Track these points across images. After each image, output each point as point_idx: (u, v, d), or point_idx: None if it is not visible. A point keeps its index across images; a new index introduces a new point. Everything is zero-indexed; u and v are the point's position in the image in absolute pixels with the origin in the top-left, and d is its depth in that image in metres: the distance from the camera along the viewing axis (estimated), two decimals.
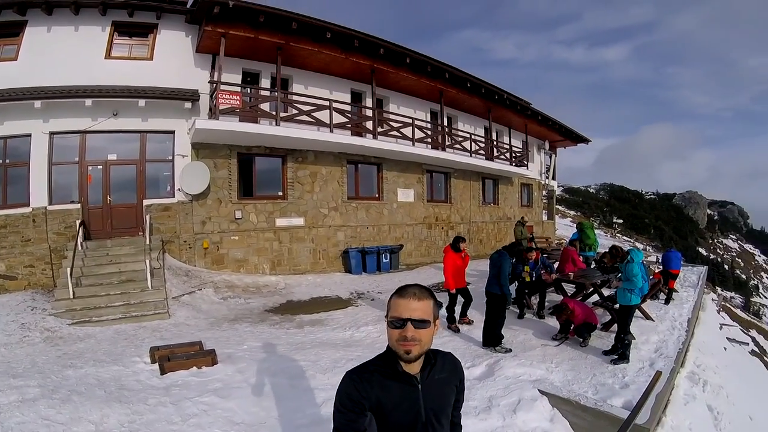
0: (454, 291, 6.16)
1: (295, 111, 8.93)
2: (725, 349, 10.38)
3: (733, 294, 48.58)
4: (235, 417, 3.39)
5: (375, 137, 10.36)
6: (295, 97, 9.10)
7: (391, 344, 1.19)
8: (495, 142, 15.21)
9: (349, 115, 10.16)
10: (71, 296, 5.85)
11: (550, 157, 19.35)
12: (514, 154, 16.08)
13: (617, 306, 5.47)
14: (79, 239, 6.74)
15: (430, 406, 1.24)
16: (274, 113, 8.43)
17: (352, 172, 11.11)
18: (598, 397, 3.98)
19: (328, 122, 9.29)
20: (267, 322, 6.37)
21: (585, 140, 19.40)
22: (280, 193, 9.56)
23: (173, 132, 7.88)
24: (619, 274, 5.43)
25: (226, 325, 6.10)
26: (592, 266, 8.46)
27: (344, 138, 9.67)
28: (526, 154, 16.91)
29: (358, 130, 10.45)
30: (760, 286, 71.43)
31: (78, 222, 7.09)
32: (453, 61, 11.30)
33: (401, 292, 1.20)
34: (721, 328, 12.55)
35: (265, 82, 9.26)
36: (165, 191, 8.04)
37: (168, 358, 4.15)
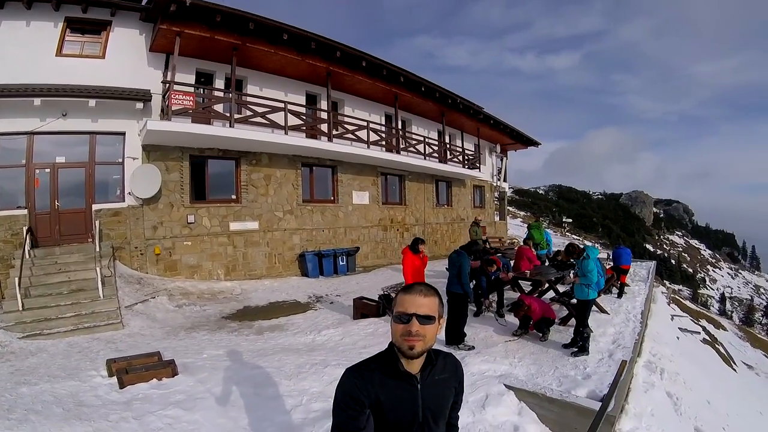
0: None
1: (249, 113, 9.28)
2: (678, 338, 11.85)
3: (680, 287, 54.25)
4: (201, 429, 3.42)
5: (330, 140, 10.91)
6: (249, 99, 9.44)
7: (395, 339, 1.25)
8: (448, 145, 16.37)
9: (304, 118, 10.62)
10: (20, 308, 5.83)
11: (502, 160, 20.96)
12: (466, 157, 17.36)
13: (574, 301, 5.97)
14: (27, 247, 6.68)
15: (429, 407, 1.30)
16: (228, 115, 8.74)
17: (307, 175, 11.59)
18: (563, 389, 4.24)
19: (283, 124, 9.69)
20: (225, 329, 6.52)
21: (535, 143, 21.24)
22: (234, 197, 9.84)
23: (124, 133, 7.95)
24: (576, 270, 5.75)
25: (182, 333, 6.18)
26: (545, 264, 9.27)
27: (299, 140, 10.11)
28: (478, 157, 18.28)
29: (313, 133, 10.93)
30: (707, 279, 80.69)
31: (25, 229, 7.00)
32: (406, 67, 12.13)
33: (408, 289, 1.29)
34: (672, 318, 14.35)
35: (219, 83, 9.52)
36: (115, 195, 8.07)
37: (126, 371, 4.14)
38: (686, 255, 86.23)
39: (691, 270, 78.60)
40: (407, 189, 15.04)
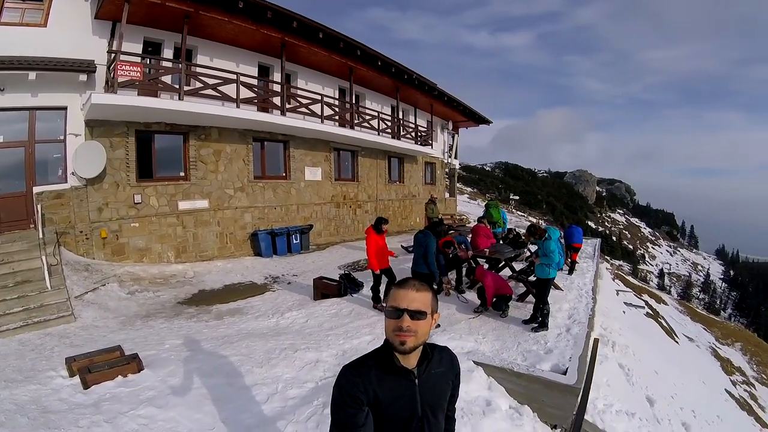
0: (378, 272, 6.91)
1: (199, 84, 9.32)
2: (624, 312, 13.53)
3: (621, 262, 60.59)
4: (179, 427, 3.46)
5: (283, 114, 11.21)
6: (200, 70, 9.44)
7: (388, 334, 1.33)
8: (401, 121, 17.07)
9: (257, 90, 10.77)
10: None
11: (453, 137, 22.18)
12: (419, 134, 18.26)
13: (532, 278, 6.59)
14: None
15: (427, 401, 1.39)
16: (177, 87, 8.76)
17: (258, 151, 11.85)
18: (528, 363, 4.69)
19: (235, 97, 9.81)
20: (182, 315, 6.64)
21: (487, 121, 22.66)
22: (182, 174, 9.96)
23: (65, 108, 7.72)
24: (538, 251, 6.14)
25: (139, 323, 6.25)
26: (500, 242, 10.06)
27: (252, 114, 10.29)
28: (431, 134, 19.30)
29: (265, 106, 11.12)
30: (646, 255, 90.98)
31: None
32: (358, 39, 12.44)
33: (401, 283, 1.37)
34: (617, 294, 16.42)
35: (168, 53, 9.40)
36: (57, 176, 7.88)
37: (89, 369, 4.04)
38: (627, 232, 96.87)
39: (631, 247, 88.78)
40: (360, 165, 15.74)
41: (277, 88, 11.54)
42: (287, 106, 11.37)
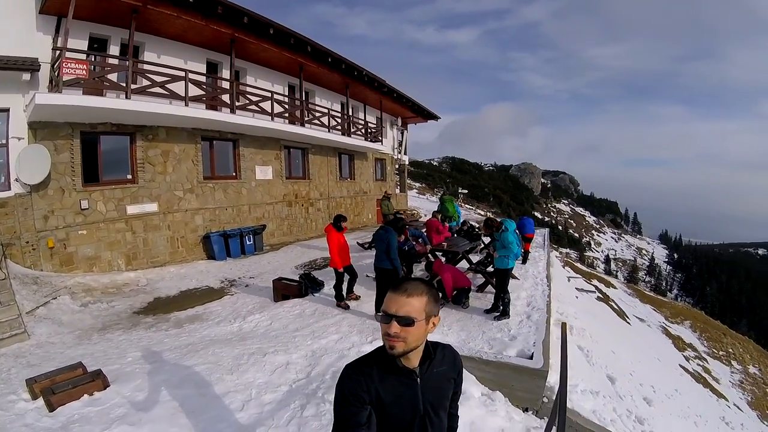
0: (341, 269, 7.20)
1: (147, 82, 9.39)
2: (577, 297, 14.70)
3: (568, 250, 65.09)
4: None
5: (233, 111, 11.44)
6: (147, 67, 9.49)
7: (382, 337, 1.40)
8: (351, 118, 17.71)
9: (206, 87, 10.92)
10: None
11: (402, 133, 23.15)
12: (369, 130, 19.00)
13: (491, 269, 7.37)
14: None
15: (429, 400, 1.47)
16: (123, 85, 8.80)
17: (207, 150, 12.01)
18: (495, 351, 5.05)
19: (183, 95, 9.94)
20: (140, 325, 6.68)
21: (435, 117, 23.87)
22: (130, 177, 9.96)
23: (8, 110, 7.52)
24: (496, 243, 6.52)
25: (96, 336, 6.23)
26: (455, 235, 10.68)
27: (201, 112, 10.45)
28: (380, 130, 20.10)
29: (213, 104, 11.28)
30: (592, 243, 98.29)
31: None
32: (304, 34, 12.85)
33: (395, 287, 1.42)
34: (569, 280, 17.87)
35: (114, 50, 9.35)
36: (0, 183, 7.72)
37: (52, 391, 3.97)
38: (572, 222, 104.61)
39: (577, 235, 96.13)
40: (311, 163, 16.23)
41: (226, 85, 11.76)
42: (237, 103, 11.59)
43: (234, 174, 12.93)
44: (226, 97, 11.48)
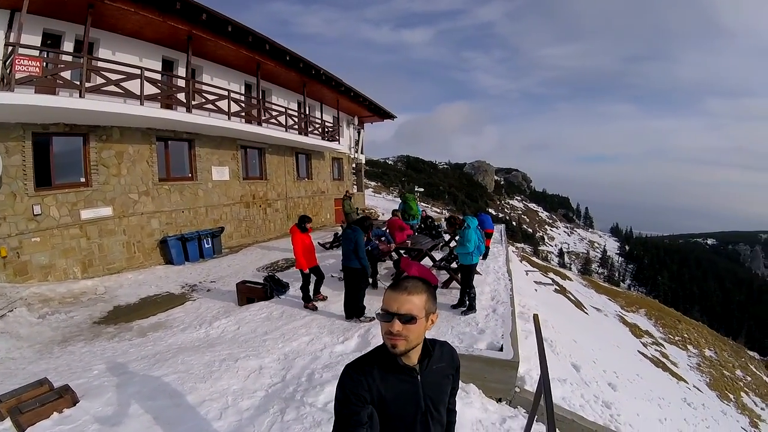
0: (307, 270, 7.40)
1: (102, 80, 9.35)
2: (536, 290, 15.56)
3: (522, 245, 68.07)
4: None
5: (189, 110, 11.50)
6: (102, 64, 9.44)
7: (382, 336, 1.48)
8: (308, 117, 18.05)
9: (161, 86, 10.94)
10: None
11: (359, 132, 23.68)
12: (326, 129, 19.41)
13: (454, 265, 7.83)
14: None
15: (429, 396, 1.56)
16: (77, 83, 8.73)
17: (162, 151, 12.01)
18: (466, 344, 5.30)
19: (138, 93, 9.94)
20: (103, 336, 6.66)
21: (391, 116, 24.60)
22: (83, 180, 9.85)
23: None
24: (458, 239, 6.86)
25: (57, 349, 6.17)
26: (416, 234, 11.28)
27: (157, 111, 10.48)
28: (337, 129, 20.55)
29: (169, 103, 11.31)
30: (545, 237, 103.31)
31: None
32: (262, 32, 13.08)
33: (394, 285, 1.51)
34: (527, 274, 18.89)
35: (68, 46, 9.24)
36: None
37: (19, 410, 3.88)
38: (525, 217, 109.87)
39: (530, 230, 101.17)
40: (268, 163, 16.46)
41: (182, 83, 11.79)
42: (193, 102, 11.65)
43: (190, 175, 12.96)
44: (182, 96, 11.52)
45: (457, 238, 7.47)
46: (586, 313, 17.99)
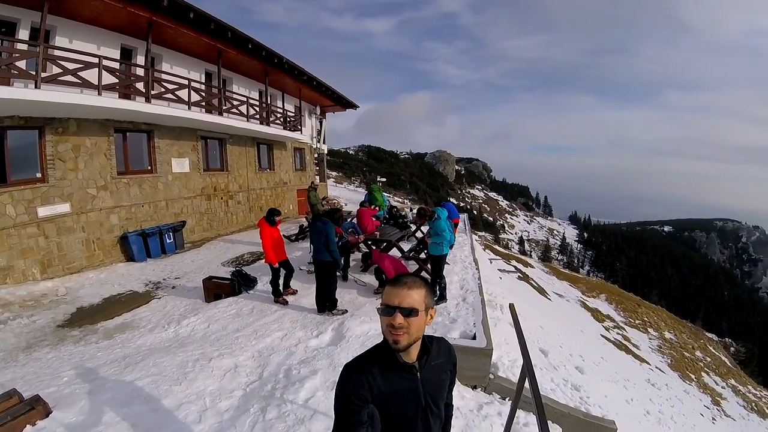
0: (276, 265, 7.51)
1: (59, 70, 9.18)
2: (501, 278, 16.39)
3: (483, 233, 70.23)
4: None
5: (148, 100, 11.40)
6: (59, 53, 9.25)
7: (383, 332, 1.55)
8: (270, 107, 18.09)
9: (120, 75, 10.80)
10: None
11: (321, 122, 23.82)
12: (288, 119, 19.53)
13: (423, 256, 8.31)
14: None
15: (429, 392, 1.64)
16: (33, 73, 8.56)
17: (120, 143, 11.87)
18: (439, 334, 5.02)
19: (96, 83, 9.79)
20: (68, 340, 6.58)
21: (354, 106, 24.89)
22: (39, 175, 9.65)
23: None
24: (429, 230, 7.13)
25: (22, 357, 6.03)
26: (383, 225, 11.63)
27: (115, 102, 10.33)
28: (299, 119, 20.63)
29: (127, 93, 11.17)
30: (506, 225, 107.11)
31: None
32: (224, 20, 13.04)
33: (394, 281, 1.58)
34: (491, 262, 19.69)
35: (24, 34, 8.99)
36: None
37: None
38: (486, 206, 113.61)
39: (491, 218, 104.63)
40: (229, 153, 16.48)
41: (141, 72, 11.64)
42: (152, 92, 11.55)
43: (149, 168, 12.86)
44: (140, 86, 11.40)
45: (427, 229, 7.76)
46: (549, 299, 19.14)
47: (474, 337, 5.49)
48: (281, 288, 7.72)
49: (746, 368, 28.53)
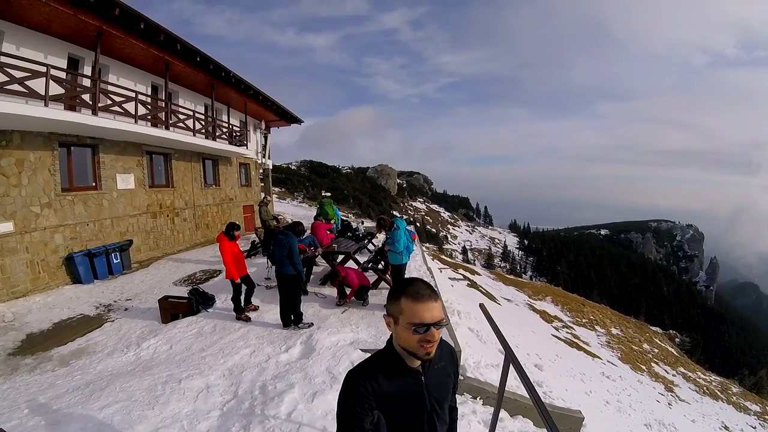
0: (238, 280, 7.59)
1: (5, 78, 9.03)
2: (452, 286, 17.20)
3: (428, 244, 72.04)
4: None
5: (95, 113, 11.33)
6: (5, 59, 9.09)
7: (409, 345, 1.55)
8: (216, 121, 18.26)
9: (66, 85, 10.71)
10: None
11: (266, 137, 24.14)
12: (233, 134, 19.81)
13: (380, 266, 8.81)
14: None
15: (434, 396, 1.69)
16: None
17: (64, 157, 11.67)
18: None
19: (44, 94, 9.64)
20: (22, 369, 6.43)
21: (298, 121, 25.46)
22: None
23: None
24: (388, 240, 7.55)
25: None
26: (338, 238, 12.06)
27: (62, 114, 10.19)
28: (245, 134, 20.89)
29: (73, 104, 11.05)
30: (448, 236, 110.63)
31: None
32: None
33: (415, 295, 1.54)
34: (441, 271, 20.50)
35: None
36: None
37: None
38: (429, 218, 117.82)
39: (434, 230, 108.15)
40: (174, 169, 16.46)
41: (87, 83, 11.58)
42: (99, 104, 11.50)
43: (94, 184, 12.66)
44: (87, 97, 11.32)
45: (383, 239, 8.19)
46: (499, 304, 20.41)
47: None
48: (242, 304, 7.82)
49: (692, 356, 31.49)
